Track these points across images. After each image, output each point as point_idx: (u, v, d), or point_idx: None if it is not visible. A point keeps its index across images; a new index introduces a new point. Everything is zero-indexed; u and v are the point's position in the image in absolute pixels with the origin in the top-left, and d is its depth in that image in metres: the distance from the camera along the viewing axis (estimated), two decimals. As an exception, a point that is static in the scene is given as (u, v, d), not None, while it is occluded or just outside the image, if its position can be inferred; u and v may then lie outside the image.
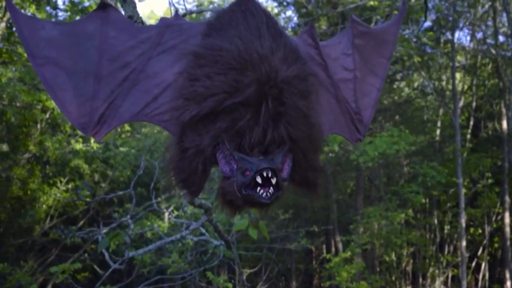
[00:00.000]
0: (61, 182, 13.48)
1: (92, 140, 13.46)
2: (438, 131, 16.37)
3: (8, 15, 9.60)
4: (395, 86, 18.45)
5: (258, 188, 1.57)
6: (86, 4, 11.02)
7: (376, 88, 2.19)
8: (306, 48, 2.07)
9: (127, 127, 15.68)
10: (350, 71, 2.13)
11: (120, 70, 1.85)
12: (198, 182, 1.73)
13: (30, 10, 9.98)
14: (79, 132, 13.14)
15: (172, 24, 1.97)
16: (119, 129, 16.34)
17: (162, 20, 1.99)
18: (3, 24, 10.22)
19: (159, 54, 1.88)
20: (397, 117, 17.95)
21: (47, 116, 12.05)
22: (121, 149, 14.81)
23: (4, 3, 9.46)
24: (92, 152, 13.50)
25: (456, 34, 19.17)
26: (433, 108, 17.62)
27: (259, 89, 1.66)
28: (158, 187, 12.85)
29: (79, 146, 12.84)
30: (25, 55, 8.30)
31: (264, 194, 1.56)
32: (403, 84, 19.01)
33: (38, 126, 12.32)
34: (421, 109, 17.98)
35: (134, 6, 2.37)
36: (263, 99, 1.65)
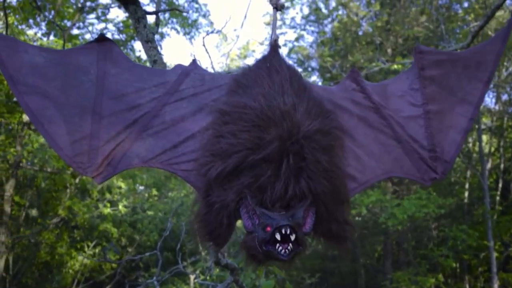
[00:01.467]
0: (88, 246, 13.51)
1: (120, 205, 13.60)
2: (466, 194, 16.11)
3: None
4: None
5: (278, 245, 1.56)
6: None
7: (467, 117, 2.01)
8: (350, 94, 2.06)
9: (154, 192, 15.84)
10: (419, 106, 2.04)
11: (128, 111, 1.80)
12: (223, 235, 1.72)
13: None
14: (108, 196, 13.34)
15: (191, 72, 1.98)
16: (146, 194, 16.52)
17: (179, 67, 2.00)
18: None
19: (176, 101, 1.87)
20: (424, 179, 17.72)
21: (77, 181, 12.25)
22: (149, 212, 14.89)
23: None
24: (120, 216, 13.59)
25: (481, 97, 19.14)
26: (460, 170, 17.42)
27: (281, 146, 1.67)
28: (184, 250, 12.80)
29: (107, 210, 12.95)
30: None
31: (283, 251, 1.55)
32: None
33: (68, 191, 12.50)
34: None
35: (164, 67, 2.49)
36: (285, 155, 1.66)
